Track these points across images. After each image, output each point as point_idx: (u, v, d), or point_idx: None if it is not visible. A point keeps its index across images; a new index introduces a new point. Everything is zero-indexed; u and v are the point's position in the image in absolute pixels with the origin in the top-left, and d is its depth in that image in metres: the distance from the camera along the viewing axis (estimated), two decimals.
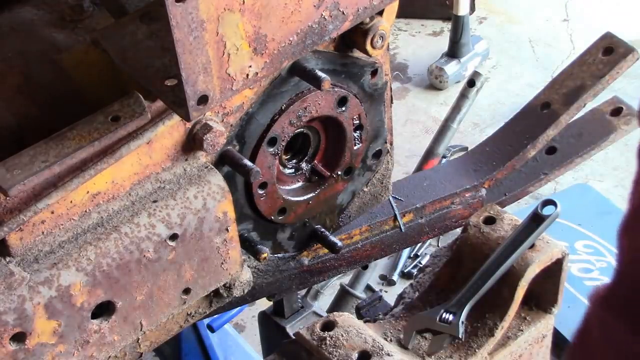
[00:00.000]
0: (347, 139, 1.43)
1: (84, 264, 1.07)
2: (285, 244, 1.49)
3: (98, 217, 1.12)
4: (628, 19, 4.97)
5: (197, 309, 1.32)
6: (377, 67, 1.41)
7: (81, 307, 1.09)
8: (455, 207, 1.81)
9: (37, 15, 1.23)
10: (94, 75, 1.15)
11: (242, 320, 3.47)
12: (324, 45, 1.31)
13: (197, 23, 0.96)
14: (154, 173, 1.17)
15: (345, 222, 1.59)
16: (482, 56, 4.81)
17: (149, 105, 1.09)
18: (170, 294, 1.20)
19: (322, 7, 1.12)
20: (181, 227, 1.15)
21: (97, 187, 1.12)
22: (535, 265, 1.44)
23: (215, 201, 1.18)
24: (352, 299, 3.11)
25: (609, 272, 2.59)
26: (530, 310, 1.54)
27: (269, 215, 1.39)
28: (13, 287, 1.02)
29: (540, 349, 1.57)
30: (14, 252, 1.06)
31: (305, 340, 1.36)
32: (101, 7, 1.24)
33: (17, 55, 1.16)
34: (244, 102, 1.25)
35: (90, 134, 1.05)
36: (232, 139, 1.27)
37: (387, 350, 1.33)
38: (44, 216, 1.08)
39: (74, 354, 1.11)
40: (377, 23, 1.30)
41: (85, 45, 1.17)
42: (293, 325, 2.24)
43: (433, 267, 1.56)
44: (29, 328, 1.04)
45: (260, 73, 1.09)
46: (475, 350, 1.42)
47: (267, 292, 1.60)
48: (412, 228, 1.78)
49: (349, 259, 1.72)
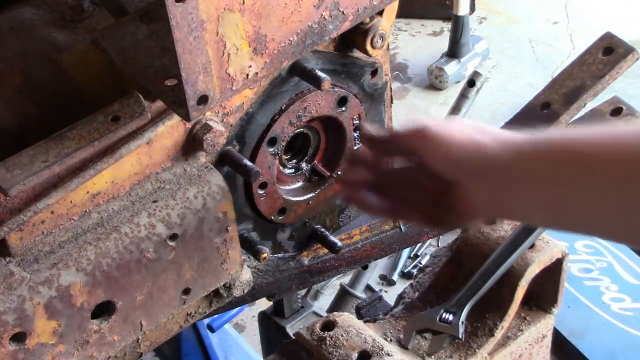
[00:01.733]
0: (347, 139, 1.43)
1: (84, 264, 1.07)
2: (285, 244, 1.49)
3: (98, 217, 1.12)
4: (628, 19, 4.97)
5: (197, 309, 1.32)
6: (377, 67, 1.41)
7: (81, 307, 1.09)
8: None
9: (37, 15, 1.23)
10: (94, 75, 1.15)
11: (242, 320, 3.47)
12: (324, 45, 1.31)
13: (197, 23, 0.96)
14: (154, 173, 1.17)
15: (345, 222, 1.59)
16: (482, 56, 4.81)
17: (149, 105, 1.09)
18: (170, 294, 1.20)
19: (322, 7, 1.12)
20: (181, 227, 1.15)
21: (97, 187, 1.12)
22: (535, 265, 1.44)
23: (215, 201, 1.18)
24: (352, 299, 3.11)
25: (609, 272, 2.60)
26: (530, 310, 1.55)
27: (269, 215, 1.39)
28: (13, 287, 1.02)
29: (540, 349, 1.57)
30: (14, 252, 1.06)
31: (305, 340, 1.36)
32: (101, 7, 1.24)
33: (17, 55, 1.16)
34: (244, 102, 1.25)
35: (90, 134, 1.05)
36: (232, 139, 1.27)
37: (387, 350, 1.33)
38: (44, 216, 1.08)
39: (74, 354, 1.11)
40: (377, 23, 1.30)
41: (85, 45, 1.17)
42: (293, 325, 2.25)
43: (433, 267, 1.56)
44: (29, 328, 1.04)
45: (260, 73, 1.09)
46: (475, 350, 1.42)
47: (267, 292, 1.60)
48: (412, 228, 1.78)
49: (349, 259, 1.72)
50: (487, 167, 1.01)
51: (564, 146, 0.96)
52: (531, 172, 0.98)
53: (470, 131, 1.03)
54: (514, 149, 0.99)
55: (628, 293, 2.53)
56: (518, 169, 0.99)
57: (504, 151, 0.99)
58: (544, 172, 0.96)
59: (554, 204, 0.97)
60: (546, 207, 0.98)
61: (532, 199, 0.99)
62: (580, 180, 0.93)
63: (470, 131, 1.03)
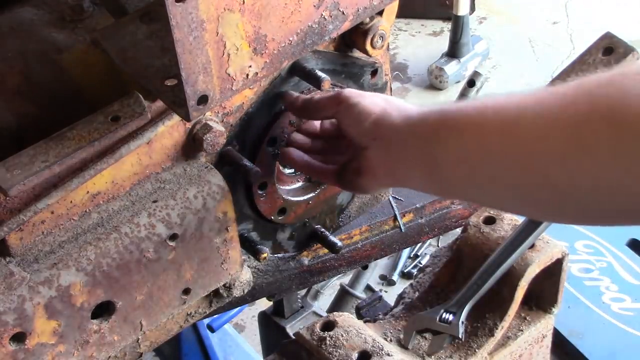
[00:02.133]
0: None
1: (84, 264, 1.07)
2: (285, 244, 1.49)
3: (98, 217, 1.12)
4: (628, 19, 4.97)
5: (197, 309, 1.32)
6: (377, 67, 1.41)
7: (81, 307, 1.09)
8: (455, 207, 1.82)
9: (37, 15, 1.23)
10: (94, 75, 1.15)
11: (242, 320, 3.47)
12: (324, 45, 1.31)
13: (197, 23, 0.96)
14: (154, 173, 1.18)
15: (345, 222, 1.59)
16: (482, 56, 4.81)
17: (149, 105, 1.09)
18: (170, 294, 1.20)
19: (322, 7, 1.12)
20: (181, 227, 1.15)
21: (97, 187, 1.12)
22: (535, 265, 1.44)
23: (215, 201, 1.18)
24: (352, 299, 3.11)
25: (609, 272, 2.59)
26: (530, 310, 1.55)
27: (269, 215, 1.39)
28: (13, 287, 1.02)
29: (540, 349, 1.57)
30: (14, 252, 1.06)
31: (305, 340, 1.36)
32: (101, 7, 1.24)
33: (17, 55, 1.16)
34: (244, 102, 1.25)
35: (90, 134, 1.05)
36: (232, 139, 1.27)
37: (387, 350, 1.33)
38: (44, 216, 1.08)
39: (74, 354, 1.11)
40: (377, 23, 1.30)
41: (85, 45, 1.17)
42: (293, 325, 2.25)
43: (433, 267, 1.56)
44: (29, 328, 1.04)
45: (260, 73, 1.09)
46: (475, 350, 1.42)
47: (267, 292, 1.60)
48: (412, 228, 1.78)
49: (349, 259, 1.72)
50: (385, 134, 1.13)
51: (441, 113, 1.06)
52: (411, 136, 1.09)
53: (380, 101, 1.16)
54: (406, 117, 1.11)
55: (628, 293, 2.53)
56: (404, 134, 1.10)
57: (400, 119, 1.12)
58: (420, 136, 1.08)
59: (429, 166, 1.07)
60: (423, 169, 1.09)
61: (412, 161, 1.09)
62: (446, 142, 1.03)
63: (380, 102, 1.16)
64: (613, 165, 0.84)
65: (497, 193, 1.02)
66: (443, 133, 1.04)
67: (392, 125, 1.12)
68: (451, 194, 1.20)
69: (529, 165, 0.93)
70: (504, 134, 0.96)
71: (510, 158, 0.96)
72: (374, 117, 1.14)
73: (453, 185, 1.08)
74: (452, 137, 1.02)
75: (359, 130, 1.16)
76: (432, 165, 1.06)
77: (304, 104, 1.25)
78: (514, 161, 0.95)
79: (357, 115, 1.16)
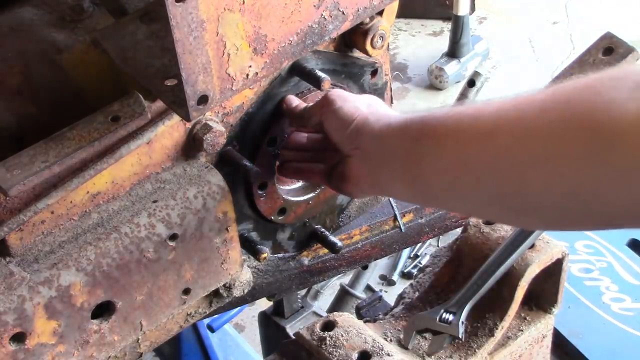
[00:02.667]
0: None
1: (84, 264, 1.07)
2: (285, 244, 1.49)
3: (98, 217, 1.12)
4: (628, 19, 4.97)
5: (197, 309, 1.32)
6: (377, 67, 1.41)
7: (81, 307, 1.09)
8: None
9: (37, 15, 1.23)
10: (94, 75, 1.15)
11: (242, 320, 3.47)
12: (324, 45, 1.31)
13: (197, 23, 0.96)
14: (154, 173, 1.18)
15: (345, 222, 1.59)
16: (482, 56, 4.81)
17: (149, 105, 1.09)
18: (170, 294, 1.20)
19: (322, 7, 1.12)
20: (181, 227, 1.15)
21: (97, 187, 1.12)
22: (535, 265, 1.44)
23: (215, 201, 1.18)
24: (352, 299, 3.11)
25: (609, 272, 2.59)
26: (530, 310, 1.55)
27: (269, 215, 1.39)
28: (13, 287, 1.02)
29: (540, 349, 1.57)
30: (14, 252, 1.06)
31: (305, 340, 1.36)
32: (101, 7, 1.24)
33: (17, 55, 1.16)
34: (244, 102, 1.25)
35: (90, 134, 1.05)
36: (232, 139, 1.27)
37: (387, 350, 1.33)
38: (44, 216, 1.08)
39: (74, 354, 1.11)
40: (377, 23, 1.30)
41: (85, 45, 1.17)
42: (293, 325, 2.25)
43: (433, 267, 1.56)
44: (29, 328, 1.04)
45: (260, 73, 1.09)
46: (475, 350, 1.42)
47: (267, 292, 1.60)
48: (412, 228, 1.78)
49: (349, 259, 1.72)
50: (366, 144, 1.13)
51: (422, 122, 1.05)
52: (392, 147, 1.09)
53: (362, 106, 1.16)
54: (387, 124, 1.10)
55: (628, 293, 2.53)
56: (385, 145, 1.10)
57: (380, 128, 1.11)
58: (401, 146, 1.07)
59: (410, 178, 1.07)
60: (405, 181, 1.08)
61: (394, 173, 1.09)
62: (426, 153, 1.03)
63: (362, 106, 1.16)
64: (589, 170, 0.84)
65: (477, 202, 1.01)
66: (423, 143, 1.03)
67: (373, 135, 1.11)
68: (434, 204, 1.19)
69: (506, 172, 0.93)
70: (480, 143, 0.96)
71: (488, 166, 0.95)
72: (354, 125, 1.14)
73: (435, 196, 1.08)
74: (431, 148, 1.02)
75: (342, 137, 1.16)
76: (413, 176, 1.06)
77: (298, 114, 1.26)
78: (491, 169, 0.95)
79: (340, 120, 1.16)
